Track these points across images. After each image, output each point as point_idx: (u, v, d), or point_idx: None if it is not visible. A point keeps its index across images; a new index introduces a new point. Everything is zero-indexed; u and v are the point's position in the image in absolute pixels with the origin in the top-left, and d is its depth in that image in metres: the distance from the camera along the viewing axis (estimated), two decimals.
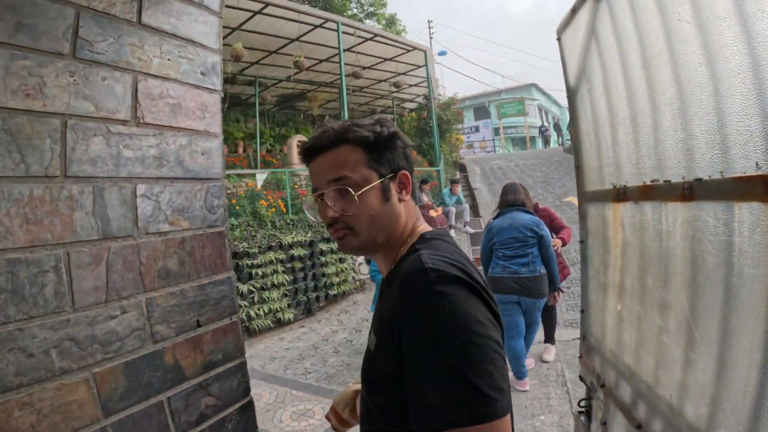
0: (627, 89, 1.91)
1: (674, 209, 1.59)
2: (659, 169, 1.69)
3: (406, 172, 1.23)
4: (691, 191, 1.47)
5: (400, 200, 1.22)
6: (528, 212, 5.14)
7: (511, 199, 5.23)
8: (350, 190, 1.13)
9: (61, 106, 1.05)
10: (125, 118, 1.18)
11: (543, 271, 5.00)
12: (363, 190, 1.14)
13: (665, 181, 1.63)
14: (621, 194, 1.99)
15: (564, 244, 5.73)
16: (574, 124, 2.52)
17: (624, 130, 1.96)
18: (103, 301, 1.08)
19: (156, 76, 1.26)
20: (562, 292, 5.43)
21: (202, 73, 1.41)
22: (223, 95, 1.51)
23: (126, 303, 1.13)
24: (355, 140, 1.16)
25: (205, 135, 1.40)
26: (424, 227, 1.27)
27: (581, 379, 2.64)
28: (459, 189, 13.67)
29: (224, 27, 11.84)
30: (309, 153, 1.21)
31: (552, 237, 5.38)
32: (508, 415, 0.91)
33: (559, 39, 2.70)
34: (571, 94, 2.51)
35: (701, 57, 1.43)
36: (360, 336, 8.17)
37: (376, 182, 1.16)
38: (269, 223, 10.31)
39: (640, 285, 1.88)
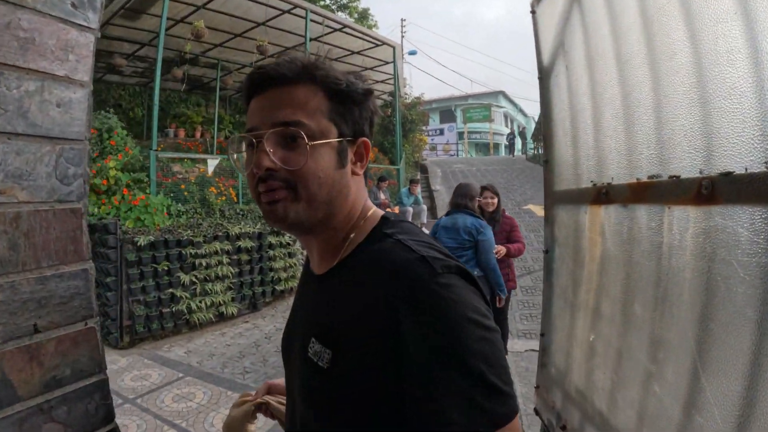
0: (618, 59, 1.49)
1: (684, 215, 1.18)
2: (662, 160, 1.28)
3: (368, 141, 1.03)
4: (712, 191, 1.06)
5: (354, 173, 1.01)
6: (472, 215, 5.11)
7: (453, 202, 5.26)
8: (303, 137, 0.91)
9: None
10: None
11: (477, 272, 4.94)
12: (317, 142, 0.93)
13: (671, 177, 1.22)
14: (603, 194, 1.58)
15: (508, 254, 5.56)
16: (545, 110, 2.11)
17: (612, 111, 1.54)
18: None
19: (6, 1, 1.00)
20: (503, 298, 5.29)
21: (74, 5, 1.13)
22: (99, 35, 1.20)
23: None
24: (323, 82, 0.95)
25: (66, 82, 1.12)
26: (375, 209, 1.06)
27: (536, 412, 2.25)
28: (418, 189, 13.53)
29: (188, 4, 11.45)
30: (261, 82, 0.97)
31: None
32: None
33: (533, 12, 2.31)
34: (544, 74, 2.10)
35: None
36: None
37: (335, 140, 0.96)
38: (218, 212, 9.96)
39: (624, 313, 1.46)
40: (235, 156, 1.05)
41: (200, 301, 8.15)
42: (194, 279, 8.20)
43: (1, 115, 0.99)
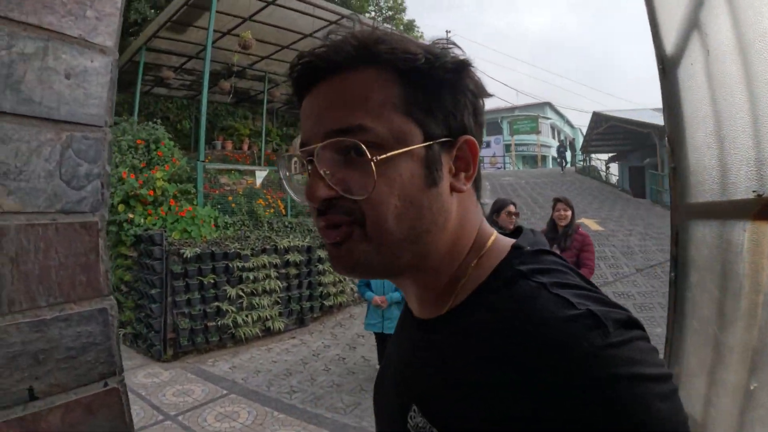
0: None
1: None
2: None
3: (473, 140, 0.71)
4: None
5: (454, 190, 0.70)
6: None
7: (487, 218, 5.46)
8: (365, 151, 0.63)
9: None
10: None
11: None
12: (389, 154, 0.64)
13: None
14: None
15: None
16: (670, 108, 1.77)
17: None
18: None
19: None
20: None
21: None
22: None
23: None
24: (391, 60, 0.66)
25: (81, 46, 0.82)
26: (497, 235, 0.76)
27: None
28: None
29: (234, 16, 11.59)
30: (308, 75, 0.70)
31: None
32: None
33: None
34: (668, 65, 1.76)
35: None
36: (354, 354, 7.65)
37: (418, 146, 0.66)
38: (266, 225, 9.95)
39: None
40: (291, 181, 0.77)
41: (246, 315, 8.10)
42: (241, 292, 8.18)
43: None
